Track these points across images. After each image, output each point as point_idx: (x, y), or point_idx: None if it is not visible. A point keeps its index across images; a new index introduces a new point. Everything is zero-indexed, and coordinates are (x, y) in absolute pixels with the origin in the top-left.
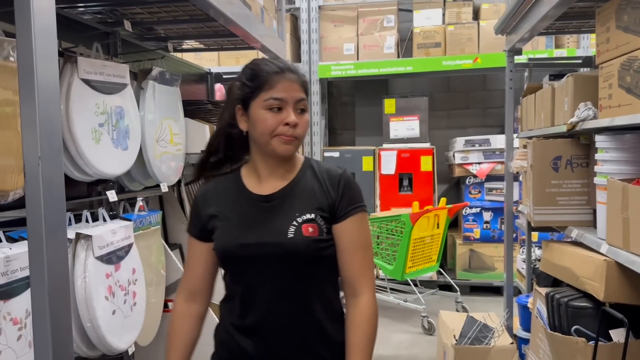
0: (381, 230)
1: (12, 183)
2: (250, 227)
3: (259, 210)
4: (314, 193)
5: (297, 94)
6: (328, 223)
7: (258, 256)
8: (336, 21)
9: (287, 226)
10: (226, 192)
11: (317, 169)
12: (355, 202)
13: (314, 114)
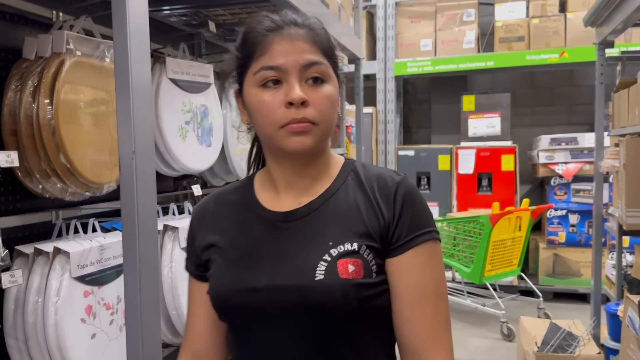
0: (458, 231)
1: (107, 177)
2: (260, 263)
3: (275, 235)
4: (357, 211)
5: (303, 56)
6: (379, 257)
7: (270, 308)
8: (413, 17)
9: (316, 262)
10: (231, 210)
11: (364, 174)
12: (421, 225)
13: (389, 112)
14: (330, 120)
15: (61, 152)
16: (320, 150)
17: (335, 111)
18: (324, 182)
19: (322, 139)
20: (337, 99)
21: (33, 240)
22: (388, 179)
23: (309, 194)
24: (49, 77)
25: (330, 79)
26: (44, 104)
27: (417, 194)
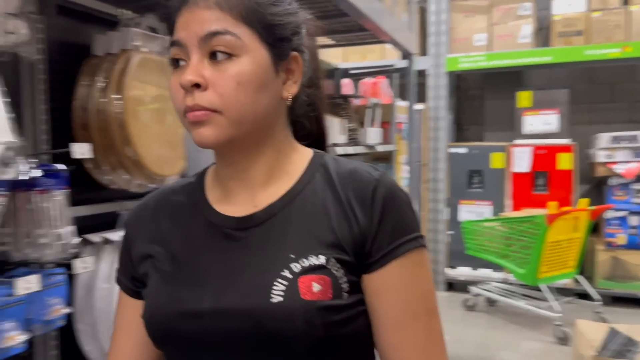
0: (512, 231)
1: (169, 169)
2: (205, 280)
3: (224, 246)
4: (326, 216)
5: (203, 27)
6: (352, 273)
7: (215, 337)
8: (467, 11)
9: (272, 279)
10: (175, 213)
11: (335, 170)
12: (406, 230)
13: (440, 108)
14: (241, 104)
15: (129, 144)
16: (255, 142)
17: (254, 92)
18: (285, 181)
19: (234, 129)
20: (257, 75)
21: (99, 229)
22: (364, 176)
23: (266, 195)
24: (117, 73)
25: (244, 52)
26: (112, 98)
27: (400, 194)
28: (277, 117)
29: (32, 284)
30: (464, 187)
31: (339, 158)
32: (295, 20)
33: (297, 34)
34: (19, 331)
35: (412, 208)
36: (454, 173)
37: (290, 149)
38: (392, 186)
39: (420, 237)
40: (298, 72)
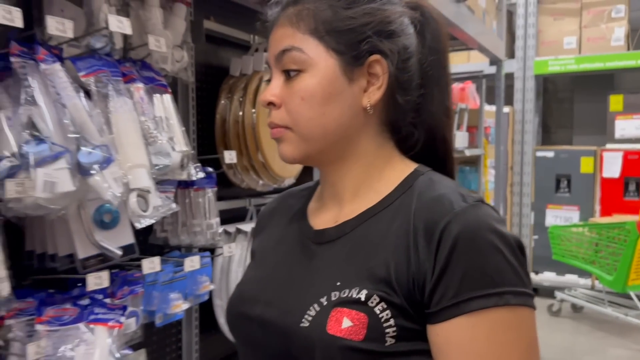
0: (601, 237)
1: (289, 172)
2: (269, 287)
3: (298, 257)
4: (387, 246)
5: (278, 45)
6: (405, 317)
7: (257, 342)
8: (556, 14)
9: (309, 303)
10: (284, 215)
11: (420, 194)
12: (484, 282)
13: (527, 112)
14: (307, 119)
15: (259, 150)
16: (338, 156)
17: (319, 105)
18: (370, 199)
19: (306, 145)
20: (322, 87)
21: (232, 221)
22: (443, 206)
23: (349, 211)
24: (252, 91)
25: (312, 67)
26: (249, 111)
27: (486, 235)
28: (358, 128)
29: (195, 264)
30: (550, 192)
31: (439, 180)
32: (377, 19)
33: (379, 34)
34: (182, 301)
35: (504, 255)
36: (541, 177)
37: (384, 163)
38: (473, 224)
39: (510, 293)
40: (383, 76)
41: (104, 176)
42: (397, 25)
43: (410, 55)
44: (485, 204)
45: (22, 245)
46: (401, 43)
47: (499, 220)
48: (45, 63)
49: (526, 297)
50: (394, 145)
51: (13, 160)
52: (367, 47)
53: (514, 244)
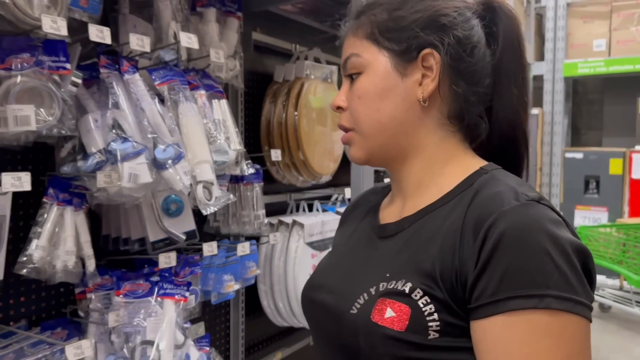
0: (629, 237)
1: (326, 170)
2: (334, 274)
3: (363, 249)
4: (438, 241)
5: (343, 55)
6: (447, 312)
7: (320, 326)
8: (585, 17)
9: (360, 292)
10: (363, 210)
11: (479, 191)
12: (524, 283)
13: (556, 113)
14: (364, 116)
15: (300, 149)
16: (399, 151)
17: (373, 101)
18: (431, 194)
19: (368, 143)
20: (374, 84)
21: (272, 214)
22: (494, 204)
23: (411, 206)
24: (294, 95)
25: (367, 68)
26: (291, 113)
27: (531, 236)
28: (415, 121)
29: (245, 249)
30: (579, 193)
31: (500, 178)
32: (427, 15)
33: (430, 28)
34: (233, 282)
35: (555, 257)
36: (569, 178)
37: (446, 157)
38: (522, 222)
39: (553, 297)
40: (436, 67)
41: (176, 170)
42: (450, 18)
43: (471, 46)
44: (542, 203)
45: (99, 230)
46: (457, 35)
47: (555, 221)
48: (128, 73)
49: (574, 303)
50: (460, 139)
51: (100, 156)
52: (418, 42)
53: (568, 248)
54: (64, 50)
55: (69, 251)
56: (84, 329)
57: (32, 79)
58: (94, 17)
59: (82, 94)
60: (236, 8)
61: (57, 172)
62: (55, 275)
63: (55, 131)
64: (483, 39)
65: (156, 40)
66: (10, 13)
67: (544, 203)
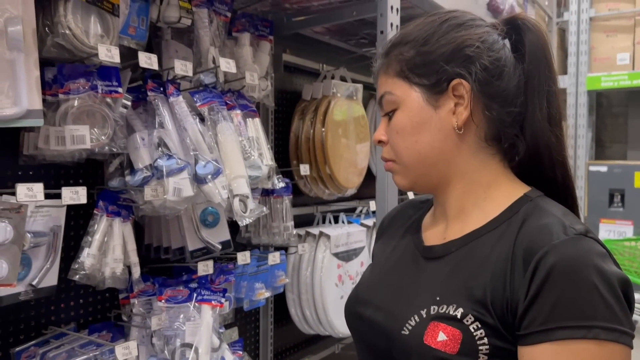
0: None
1: (352, 183)
2: (381, 291)
3: (409, 268)
4: (488, 269)
5: (378, 94)
6: (497, 337)
7: (367, 340)
8: (609, 31)
9: (411, 313)
10: (401, 225)
11: (526, 221)
12: (573, 315)
13: (579, 127)
14: (403, 149)
15: (327, 164)
16: (440, 177)
17: (410, 135)
18: (476, 218)
19: (411, 172)
20: (410, 119)
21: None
22: (543, 237)
23: (456, 229)
24: (321, 112)
25: (401, 104)
26: (319, 130)
27: (583, 269)
28: (453, 148)
29: (276, 259)
30: (604, 206)
31: (546, 208)
32: (450, 48)
33: (455, 60)
34: (264, 290)
35: (602, 290)
36: (594, 191)
37: (489, 181)
38: (571, 257)
39: (600, 328)
40: (467, 96)
41: (215, 184)
42: (474, 47)
43: (499, 70)
44: (589, 237)
45: (142, 240)
46: (483, 62)
47: (602, 255)
48: (173, 96)
49: (619, 334)
50: (500, 160)
51: (147, 172)
52: (446, 74)
53: (614, 281)
54: (117, 75)
55: (117, 259)
56: (127, 332)
57: (87, 101)
58: (140, 44)
59: (130, 115)
60: (268, 32)
61: (106, 186)
62: (104, 281)
63: (107, 149)
64: (511, 58)
65: (196, 64)
66: (70, 43)
67: (590, 236)
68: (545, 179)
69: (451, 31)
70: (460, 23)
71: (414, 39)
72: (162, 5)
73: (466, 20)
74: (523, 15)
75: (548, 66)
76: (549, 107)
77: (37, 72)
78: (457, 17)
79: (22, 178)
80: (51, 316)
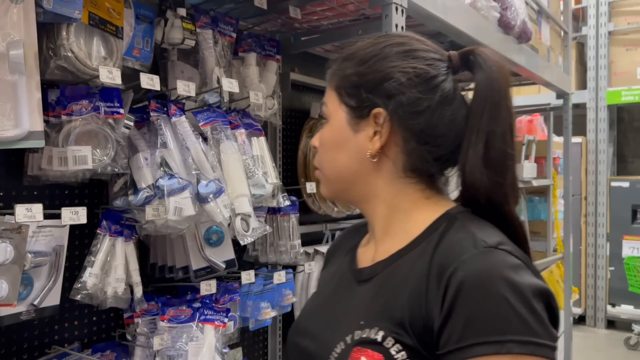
0: None
1: None
2: (315, 317)
3: (340, 293)
4: (405, 289)
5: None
6: (418, 357)
7: None
8: (628, 45)
9: (338, 340)
10: (343, 249)
11: (444, 238)
12: (483, 330)
13: (600, 141)
14: (324, 162)
15: None
16: (360, 197)
17: (329, 151)
18: (400, 239)
19: (331, 185)
20: (331, 136)
21: (308, 244)
22: (454, 252)
23: (383, 250)
24: None
25: (329, 118)
26: None
27: (492, 284)
28: (371, 173)
29: (282, 278)
30: (627, 222)
31: (462, 225)
32: (380, 76)
33: (377, 91)
34: (270, 309)
35: (513, 303)
36: (616, 207)
37: (409, 207)
38: (479, 271)
39: (513, 342)
40: (384, 127)
41: (217, 203)
42: (398, 82)
43: (425, 107)
44: (501, 249)
45: (147, 259)
46: (406, 97)
47: (514, 267)
48: (175, 116)
49: (535, 346)
50: (422, 189)
51: (149, 191)
52: (369, 101)
53: (527, 292)
54: (118, 97)
55: (119, 279)
56: (131, 352)
57: (89, 123)
58: (145, 65)
59: (133, 135)
60: (275, 52)
61: (110, 206)
62: (106, 300)
63: (109, 169)
64: (451, 95)
65: (201, 84)
66: (72, 65)
67: (502, 248)
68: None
69: (388, 58)
70: (403, 51)
71: (356, 58)
72: (167, 27)
73: (411, 49)
74: (478, 50)
75: (494, 106)
76: (488, 148)
77: (38, 94)
78: (403, 43)
79: (26, 198)
80: (54, 336)
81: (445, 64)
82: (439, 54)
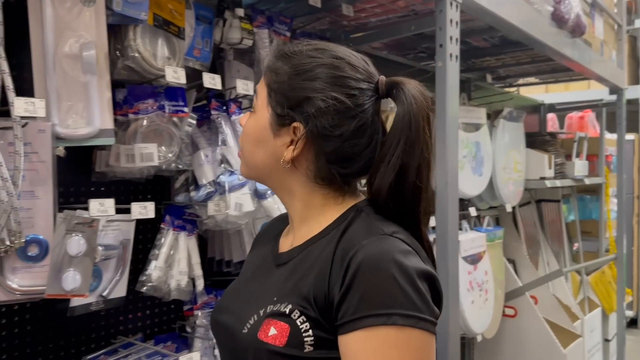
0: None
1: None
2: (235, 298)
3: (260, 275)
4: (315, 269)
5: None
6: (321, 329)
7: (219, 344)
8: None
9: (251, 314)
10: (268, 236)
11: (350, 227)
12: (376, 304)
13: None
14: (244, 150)
15: None
16: (277, 187)
17: (250, 143)
18: (314, 227)
19: (248, 168)
20: (254, 130)
21: None
22: (356, 238)
23: (300, 236)
24: None
25: (256, 112)
26: None
27: (384, 265)
28: (285, 173)
29: None
30: None
31: (365, 217)
32: (303, 96)
33: (299, 107)
34: None
35: (400, 282)
36: None
37: (320, 205)
38: (375, 255)
39: (398, 315)
40: (300, 141)
41: (274, 199)
42: (321, 107)
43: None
44: (394, 236)
45: (205, 253)
46: (323, 122)
47: (404, 252)
48: (235, 114)
49: (416, 320)
50: (334, 191)
51: (210, 188)
52: (292, 114)
53: (412, 273)
54: (183, 96)
55: (182, 272)
56: (190, 343)
57: (155, 121)
58: (205, 65)
59: (194, 133)
60: None
61: (173, 201)
62: (169, 293)
63: (173, 166)
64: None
65: (257, 83)
66: (139, 65)
67: (396, 236)
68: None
69: (316, 80)
70: (332, 76)
71: (291, 63)
72: (225, 27)
73: (341, 75)
74: (402, 84)
75: (409, 141)
76: (400, 180)
77: (109, 93)
78: (336, 67)
79: (94, 194)
80: (120, 326)
81: (371, 91)
82: (367, 82)
